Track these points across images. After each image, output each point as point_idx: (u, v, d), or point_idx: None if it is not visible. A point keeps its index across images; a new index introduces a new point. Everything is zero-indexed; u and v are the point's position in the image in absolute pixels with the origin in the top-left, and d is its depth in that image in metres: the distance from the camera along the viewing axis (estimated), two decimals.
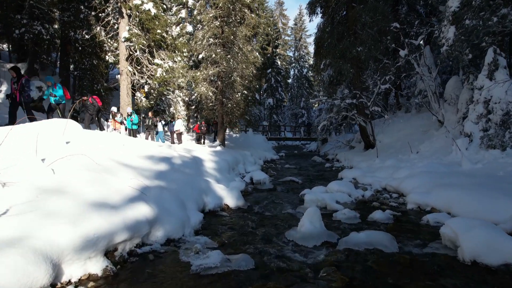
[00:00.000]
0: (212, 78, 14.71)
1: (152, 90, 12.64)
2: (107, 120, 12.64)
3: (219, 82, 14.06)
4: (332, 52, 12.70)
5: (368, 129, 13.75)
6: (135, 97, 12.53)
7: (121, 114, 11.76)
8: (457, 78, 10.99)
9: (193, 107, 25.59)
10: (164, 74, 10.36)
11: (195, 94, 17.41)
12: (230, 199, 5.93)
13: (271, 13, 42.47)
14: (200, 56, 14.59)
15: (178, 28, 21.25)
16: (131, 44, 10.48)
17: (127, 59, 10.99)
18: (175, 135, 14.88)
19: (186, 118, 25.14)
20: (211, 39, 14.37)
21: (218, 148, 11.17)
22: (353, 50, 12.34)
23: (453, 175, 6.50)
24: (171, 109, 24.13)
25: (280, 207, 6.09)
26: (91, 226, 2.94)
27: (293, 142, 31.84)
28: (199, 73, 14.32)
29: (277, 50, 38.42)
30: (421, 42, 12.20)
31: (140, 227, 3.52)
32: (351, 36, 12.87)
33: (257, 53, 14.26)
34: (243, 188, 7.35)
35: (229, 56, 13.84)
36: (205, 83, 14.57)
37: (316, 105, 53.53)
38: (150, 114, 12.00)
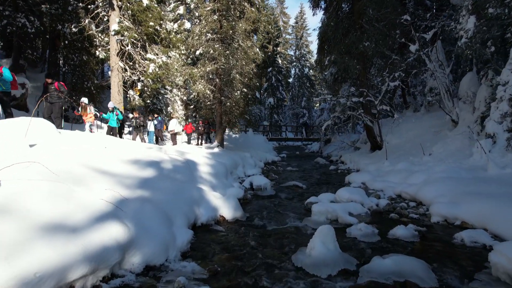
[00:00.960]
0: (210, 76, 13.95)
1: (145, 88, 11.87)
2: (74, 110, 10.78)
3: (217, 80, 13.30)
4: (337, 47, 11.93)
5: (375, 130, 12.98)
6: (128, 95, 11.76)
7: (94, 107, 10.42)
8: (472, 74, 10.21)
9: (192, 106, 24.86)
10: (157, 70, 9.59)
11: (193, 93, 16.64)
12: (226, 209, 5.17)
13: (272, 10, 41.71)
14: (198, 53, 13.82)
15: (176, 25, 20.52)
16: (122, 38, 9.73)
17: (118, 54, 10.23)
18: (168, 135, 14.16)
19: (184, 117, 24.42)
20: (209, 34, 13.61)
21: (216, 149, 10.42)
22: (359, 45, 11.57)
23: (480, 181, 5.73)
24: (169, 108, 23.42)
25: (283, 218, 5.33)
26: (33, 261, 2.18)
27: (294, 143, 31.07)
28: (196, 70, 13.55)
29: (278, 48, 37.65)
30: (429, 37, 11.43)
31: (108, 254, 2.76)
32: (357, 30, 12.10)
33: (257, 49, 13.51)
34: (241, 195, 6.59)
35: (227, 52, 13.07)
36: (202, 80, 13.81)
37: (317, 105, 52.75)
38: (135, 113, 10.84)
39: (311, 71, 46.36)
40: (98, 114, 10.26)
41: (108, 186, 3.91)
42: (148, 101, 20.13)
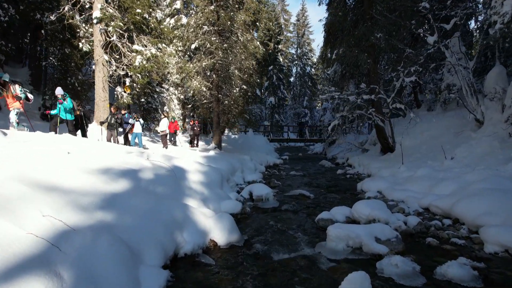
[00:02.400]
0: (208, 73, 12.86)
1: (134, 84, 10.77)
2: None
3: (214, 76, 12.20)
4: (345, 39, 10.82)
5: (387, 130, 11.87)
6: (115, 92, 10.70)
7: (22, 87, 7.00)
8: (500, 68, 9.10)
9: (190, 105, 23.77)
10: (144, 62, 8.49)
11: (190, 91, 15.50)
12: (218, 232, 4.07)
13: (273, 7, 40.61)
14: (193, 46, 12.72)
15: (172, 20, 19.46)
16: (107, 28, 8.65)
17: (102, 46, 9.14)
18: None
19: (181, 117, 23.35)
20: (205, 27, 12.51)
21: (212, 152, 9.33)
22: (370, 36, 10.47)
23: None
24: (165, 107, 22.37)
25: (291, 242, 4.24)
26: None
27: (295, 144, 29.96)
28: (191, 65, 12.46)
29: (279, 46, 36.49)
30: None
31: None
32: (367, 21, 10.98)
33: (258, 43, 12.41)
34: (239, 209, 5.50)
35: (225, 45, 11.98)
36: (198, 77, 12.72)
37: (319, 105, 51.60)
38: (112, 109, 9.12)
39: (313, 69, 45.28)
40: (30, 97, 7.08)
41: (50, 211, 2.80)
42: (143, 100, 19.10)
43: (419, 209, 5.75)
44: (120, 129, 10.26)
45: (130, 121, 10.45)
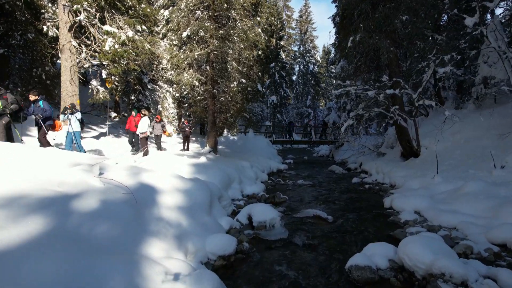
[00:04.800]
0: (203, 66, 11.15)
1: (112, 77, 9.03)
2: None
3: (208, 68, 10.47)
4: (364, 23, 9.07)
5: (411, 131, 10.12)
6: (90, 87, 8.98)
7: None
8: None
9: (186, 104, 22.04)
10: (116, 47, 6.77)
11: (185, 89, 13.67)
12: None
13: (275, 2, 38.86)
14: (185, 34, 10.99)
15: (167, 12, 17.74)
16: (73, 5, 6.96)
17: (71, 29, 7.45)
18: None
19: (176, 117, 21.63)
20: (198, 12, 10.80)
21: (203, 159, 7.60)
22: (394, 20, 8.73)
23: None
24: (158, 106, 20.67)
25: None
26: None
27: (298, 145, 28.15)
28: (182, 56, 10.74)
29: (281, 42, 34.76)
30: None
31: None
32: (389, 1, 9.23)
33: (259, 30, 10.68)
34: (232, 248, 3.78)
35: (221, 32, 10.25)
36: (191, 70, 11.01)
37: (322, 104, 49.78)
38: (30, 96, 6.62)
39: (316, 67, 43.53)
40: None
41: None
42: (132, 97, 17.41)
43: (491, 247, 4.01)
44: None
45: (47, 113, 6.76)
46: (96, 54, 7.22)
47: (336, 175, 11.62)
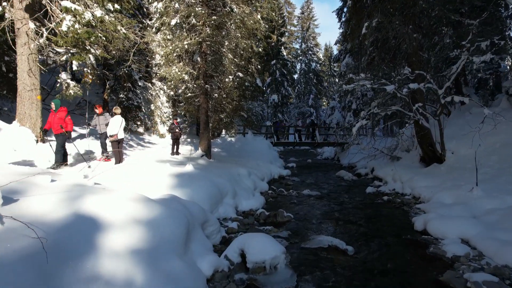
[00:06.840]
0: (191, 56, 9.77)
1: (85, 69, 7.60)
2: None
3: (199, 59, 9.10)
4: (380, 6, 7.68)
5: (434, 133, 8.73)
6: (59, 80, 7.61)
7: None
8: None
9: (182, 103, 20.63)
10: (76, 27, 5.40)
11: (181, 87, 12.20)
12: None
13: None
14: (173, 22, 9.63)
15: (160, 5, 16.37)
16: None
17: (28, 9, 6.08)
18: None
19: (171, 117, 20.24)
20: None
21: (189, 167, 6.22)
22: (419, 1, 7.34)
23: None
24: (151, 105, 19.31)
25: None
26: None
27: (300, 146, 26.71)
28: (171, 46, 9.37)
29: (283, 39, 33.36)
30: None
31: None
32: None
33: (258, 17, 9.29)
34: None
35: (215, 18, 8.88)
36: (180, 63, 9.64)
37: (324, 104, 48.27)
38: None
39: (318, 65, 42.11)
40: None
41: None
42: (121, 95, 16.03)
43: None
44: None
45: None
46: (47, 33, 5.83)
47: (346, 183, 10.23)
